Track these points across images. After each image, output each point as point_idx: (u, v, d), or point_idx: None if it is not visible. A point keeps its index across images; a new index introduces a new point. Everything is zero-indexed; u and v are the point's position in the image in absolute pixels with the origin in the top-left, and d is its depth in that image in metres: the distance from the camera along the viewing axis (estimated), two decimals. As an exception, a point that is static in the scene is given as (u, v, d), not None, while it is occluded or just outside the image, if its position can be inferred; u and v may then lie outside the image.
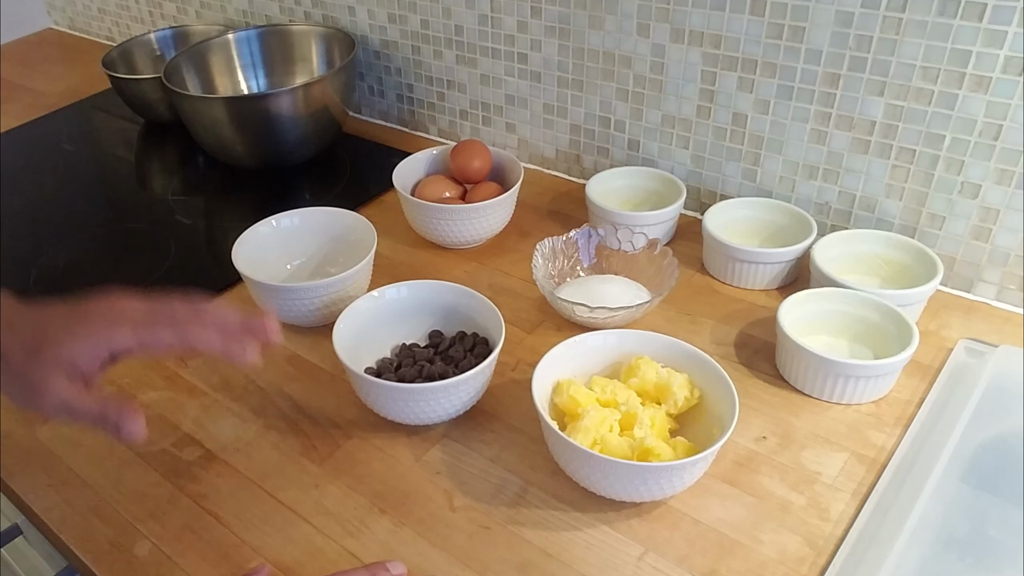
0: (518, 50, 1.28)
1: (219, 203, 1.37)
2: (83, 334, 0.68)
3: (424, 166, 1.25)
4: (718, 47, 1.09)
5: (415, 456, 0.88)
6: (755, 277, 1.06)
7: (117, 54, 1.59)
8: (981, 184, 0.98)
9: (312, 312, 1.01)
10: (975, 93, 0.94)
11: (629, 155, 1.26)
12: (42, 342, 0.68)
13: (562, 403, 0.85)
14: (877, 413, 0.89)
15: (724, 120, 1.14)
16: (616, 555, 0.77)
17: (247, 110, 1.30)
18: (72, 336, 0.68)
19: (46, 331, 0.70)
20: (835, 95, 1.03)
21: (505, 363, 0.97)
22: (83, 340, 0.67)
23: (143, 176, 1.49)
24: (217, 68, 1.49)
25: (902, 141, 1.01)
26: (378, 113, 1.56)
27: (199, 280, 1.15)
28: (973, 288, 1.04)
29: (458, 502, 0.82)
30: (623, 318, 0.99)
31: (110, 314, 0.70)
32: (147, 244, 1.25)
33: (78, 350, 0.67)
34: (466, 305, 0.96)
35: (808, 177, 1.11)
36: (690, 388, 0.85)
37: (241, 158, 1.37)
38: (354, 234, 1.09)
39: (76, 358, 0.67)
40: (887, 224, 1.07)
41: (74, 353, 0.67)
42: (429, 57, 1.40)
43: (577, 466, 0.79)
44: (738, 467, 0.84)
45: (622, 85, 1.20)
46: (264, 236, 1.08)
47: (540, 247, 1.06)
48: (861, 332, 0.95)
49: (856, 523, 0.77)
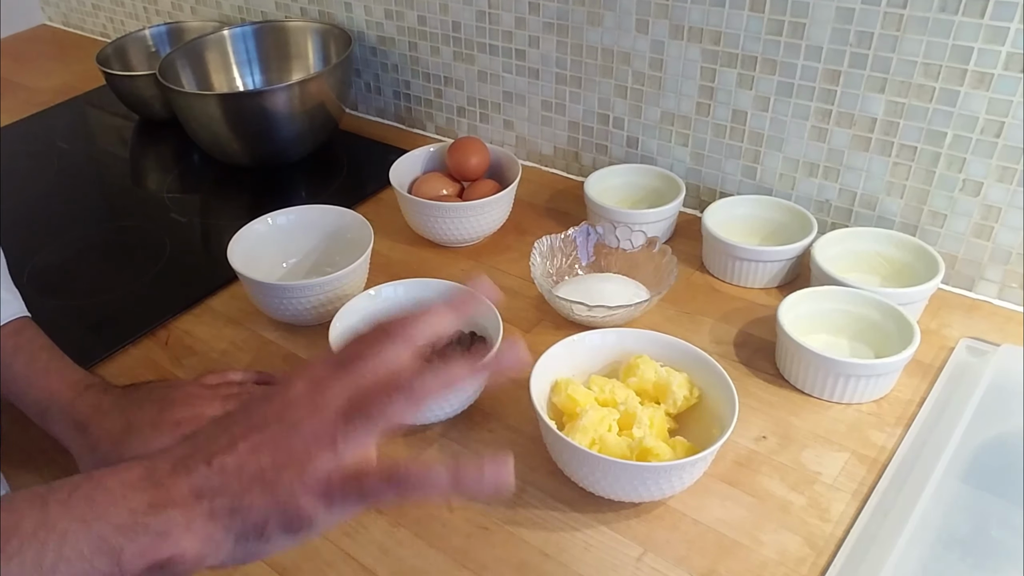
0: (516, 46, 1.28)
1: (214, 201, 1.37)
2: (169, 428, 0.74)
3: (421, 163, 1.25)
4: (718, 43, 1.09)
5: (413, 456, 0.87)
6: (755, 275, 1.06)
7: (112, 50, 1.58)
8: (983, 182, 0.98)
9: (308, 311, 1.01)
10: (977, 90, 0.94)
11: (628, 152, 1.26)
12: (129, 432, 0.75)
13: (560, 402, 0.85)
14: (878, 413, 0.89)
15: (724, 117, 1.14)
16: (615, 556, 0.77)
17: (243, 107, 1.30)
18: (159, 433, 0.74)
19: (132, 423, 0.77)
20: (836, 92, 1.03)
21: (503, 362, 0.97)
22: (169, 436, 0.72)
23: (138, 173, 1.48)
24: (213, 64, 1.48)
25: (903, 138, 1.01)
26: (375, 110, 1.55)
27: (194, 278, 1.15)
28: (975, 287, 1.04)
29: (455, 502, 0.82)
30: (622, 317, 0.98)
31: (192, 405, 0.77)
32: (142, 242, 1.25)
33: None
34: (464, 304, 0.95)
35: (808, 175, 1.10)
36: (689, 387, 0.85)
37: (237, 155, 1.37)
38: (350, 232, 1.09)
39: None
40: (888, 222, 1.07)
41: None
42: (426, 53, 1.40)
43: (575, 466, 0.79)
44: (738, 467, 0.84)
45: (621, 82, 1.20)
46: (260, 234, 1.08)
47: (538, 245, 1.06)
48: (862, 331, 0.95)
49: (857, 523, 0.77)
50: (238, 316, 1.08)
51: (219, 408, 0.82)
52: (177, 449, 0.51)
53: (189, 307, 1.09)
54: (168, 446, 0.52)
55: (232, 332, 1.05)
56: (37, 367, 0.84)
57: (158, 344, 1.04)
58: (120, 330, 1.05)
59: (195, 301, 1.10)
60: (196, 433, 0.52)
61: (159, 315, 1.08)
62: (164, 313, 1.08)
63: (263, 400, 0.53)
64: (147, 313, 1.08)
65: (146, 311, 1.08)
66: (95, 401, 0.81)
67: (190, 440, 0.52)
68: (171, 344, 1.04)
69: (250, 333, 1.05)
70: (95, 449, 0.78)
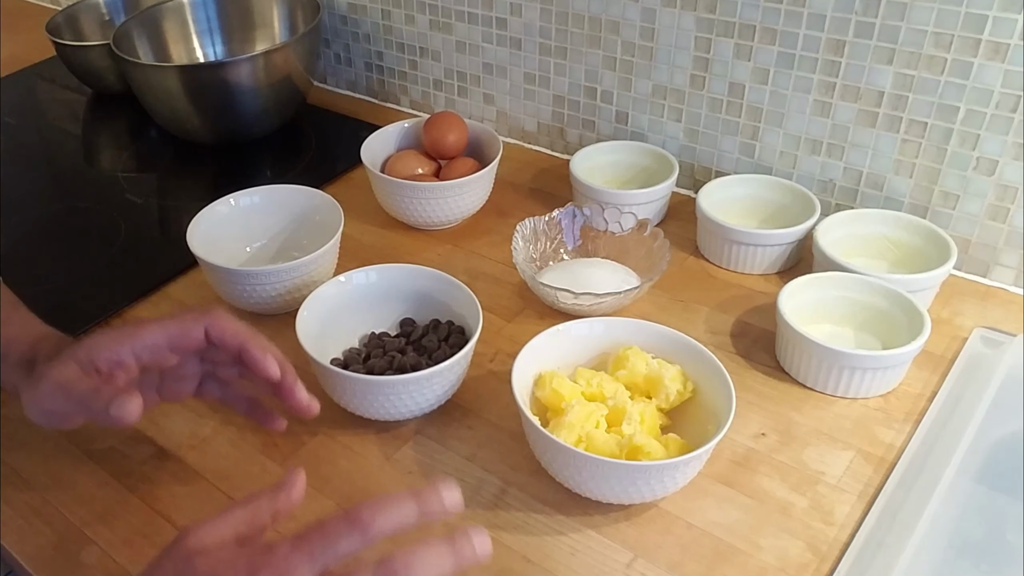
0: (496, 14, 1.27)
1: (173, 180, 1.37)
2: (108, 336, 0.74)
3: (395, 140, 1.24)
4: (713, 11, 1.09)
5: (385, 455, 0.87)
6: (753, 261, 1.06)
7: (62, 19, 1.58)
8: (998, 160, 0.98)
9: (273, 298, 1.00)
10: (991, 61, 0.94)
11: (617, 128, 1.26)
12: (65, 347, 0.76)
13: (544, 397, 0.85)
14: (885, 408, 0.89)
15: (720, 91, 1.14)
16: (603, 561, 0.76)
17: (203, 80, 1.30)
18: (95, 337, 0.74)
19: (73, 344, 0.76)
20: (840, 64, 1.03)
21: (483, 354, 0.97)
22: (103, 337, 0.74)
23: (91, 151, 1.48)
24: (171, 34, 1.48)
25: (912, 113, 1.01)
26: (345, 83, 1.55)
27: (151, 264, 1.14)
28: (989, 273, 1.04)
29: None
30: (610, 305, 0.98)
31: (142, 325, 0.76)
32: (95, 224, 1.24)
33: (97, 345, 0.73)
34: (440, 291, 0.95)
35: (811, 152, 1.10)
36: (683, 381, 0.85)
37: (197, 132, 1.37)
38: (319, 214, 1.08)
39: (93, 353, 0.73)
40: (896, 203, 1.07)
41: (92, 348, 0.73)
42: (400, 22, 1.40)
43: (561, 465, 0.78)
44: (735, 466, 0.84)
45: (609, 53, 1.20)
46: (222, 216, 1.08)
47: (520, 228, 1.06)
48: (868, 320, 0.95)
49: (863, 527, 0.77)
50: (198, 304, 1.07)
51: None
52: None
53: (145, 294, 1.09)
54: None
55: (191, 322, 1.04)
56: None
57: (111, 335, 1.03)
58: (71, 319, 1.03)
59: (152, 288, 1.10)
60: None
61: (113, 303, 1.07)
62: (119, 301, 1.07)
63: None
64: (100, 301, 1.07)
65: (99, 299, 1.08)
66: (50, 346, 0.81)
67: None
68: (125, 335, 1.03)
69: (210, 323, 1.04)
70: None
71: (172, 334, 0.75)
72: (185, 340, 0.76)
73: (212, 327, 0.76)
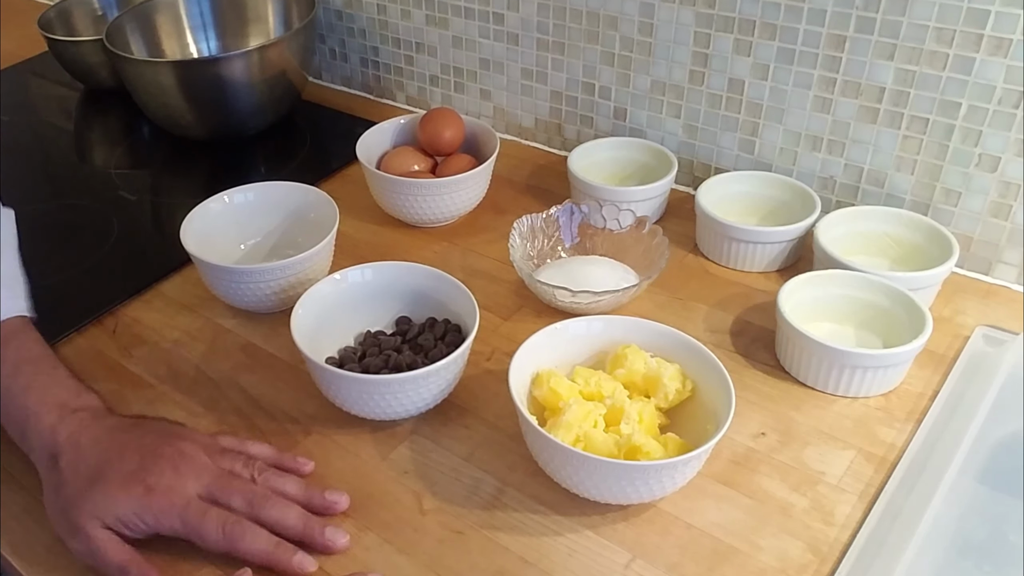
0: (493, 9, 1.27)
1: (166, 177, 1.36)
2: (139, 493, 0.73)
3: (391, 137, 1.24)
4: (712, 6, 1.09)
5: (381, 454, 0.87)
6: (753, 258, 1.06)
7: (54, 14, 1.58)
8: (1000, 156, 0.98)
9: (268, 296, 1.00)
10: (994, 57, 0.94)
11: (615, 125, 1.26)
12: (98, 481, 0.74)
13: (542, 396, 0.85)
14: (886, 407, 0.89)
15: (719, 86, 1.13)
16: (601, 562, 0.76)
17: (197, 75, 1.29)
18: (127, 495, 0.73)
19: (105, 472, 0.75)
20: (840, 59, 1.03)
21: (480, 352, 0.97)
22: (136, 502, 0.73)
23: (83, 148, 1.48)
24: (164, 29, 1.48)
25: (914, 109, 1.01)
26: (340, 79, 1.55)
27: (144, 261, 1.14)
28: (992, 270, 1.04)
29: (428, 504, 0.81)
30: (608, 303, 0.98)
31: (177, 470, 0.75)
32: (87, 222, 1.24)
33: (127, 512, 0.73)
34: (436, 289, 0.95)
35: (811, 149, 1.10)
36: (682, 380, 0.85)
37: (190, 128, 1.37)
38: (314, 211, 1.08)
39: (123, 518, 0.73)
40: (897, 200, 1.07)
41: (120, 513, 0.73)
42: (396, 17, 1.39)
43: (558, 465, 0.78)
44: (734, 466, 0.84)
45: (608, 48, 1.20)
46: (216, 213, 1.07)
47: (518, 225, 1.05)
48: (869, 318, 0.95)
49: (863, 528, 0.77)
50: (192, 302, 1.07)
51: (202, 487, 0.76)
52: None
53: (139, 292, 1.08)
54: None
55: (186, 320, 1.04)
56: (19, 382, 0.81)
57: (105, 333, 1.03)
58: (64, 317, 1.04)
59: (145, 286, 1.09)
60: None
61: (106, 301, 1.07)
62: (112, 299, 1.07)
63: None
64: (93, 299, 1.07)
65: (92, 297, 1.07)
66: (76, 430, 0.78)
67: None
68: (119, 333, 1.03)
69: (205, 321, 1.04)
70: (59, 489, 0.75)
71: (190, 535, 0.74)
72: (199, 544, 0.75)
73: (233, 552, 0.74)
